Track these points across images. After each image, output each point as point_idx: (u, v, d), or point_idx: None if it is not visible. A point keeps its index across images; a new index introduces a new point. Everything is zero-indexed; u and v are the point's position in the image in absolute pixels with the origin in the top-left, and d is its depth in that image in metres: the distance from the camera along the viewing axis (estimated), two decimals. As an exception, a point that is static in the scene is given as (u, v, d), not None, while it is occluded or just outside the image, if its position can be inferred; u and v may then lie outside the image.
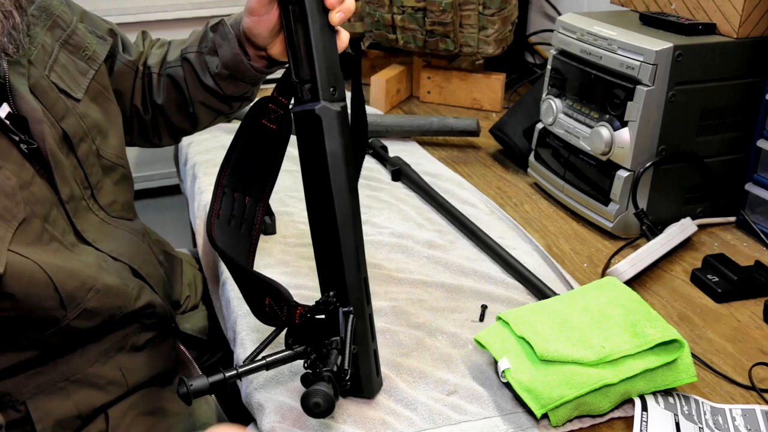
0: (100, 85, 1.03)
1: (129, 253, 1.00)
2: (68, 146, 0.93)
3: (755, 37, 1.21)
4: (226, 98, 1.07)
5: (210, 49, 1.03)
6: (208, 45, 1.04)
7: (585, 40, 1.27)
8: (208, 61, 1.04)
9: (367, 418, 0.85)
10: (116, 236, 1.00)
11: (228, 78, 1.03)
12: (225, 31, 1.01)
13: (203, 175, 1.46)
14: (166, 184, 2.51)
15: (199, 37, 1.07)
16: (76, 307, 0.89)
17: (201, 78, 1.05)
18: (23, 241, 0.82)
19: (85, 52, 1.00)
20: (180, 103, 1.09)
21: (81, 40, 1.00)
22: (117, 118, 1.06)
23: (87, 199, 0.96)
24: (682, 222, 1.22)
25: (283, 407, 0.87)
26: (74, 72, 0.98)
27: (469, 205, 1.35)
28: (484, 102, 1.87)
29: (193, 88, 1.07)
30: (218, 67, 1.02)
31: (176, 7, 2.51)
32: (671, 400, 0.87)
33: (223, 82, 1.04)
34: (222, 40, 1.01)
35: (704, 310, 1.08)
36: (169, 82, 1.09)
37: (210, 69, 1.03)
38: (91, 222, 0.96)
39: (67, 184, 0.91)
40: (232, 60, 1.00)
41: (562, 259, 1.20)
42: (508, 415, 0.87)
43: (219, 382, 0.78)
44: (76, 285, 0.88)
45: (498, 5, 1.70)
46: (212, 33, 1.03)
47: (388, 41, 1.84)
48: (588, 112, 1.27)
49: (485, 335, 0.93)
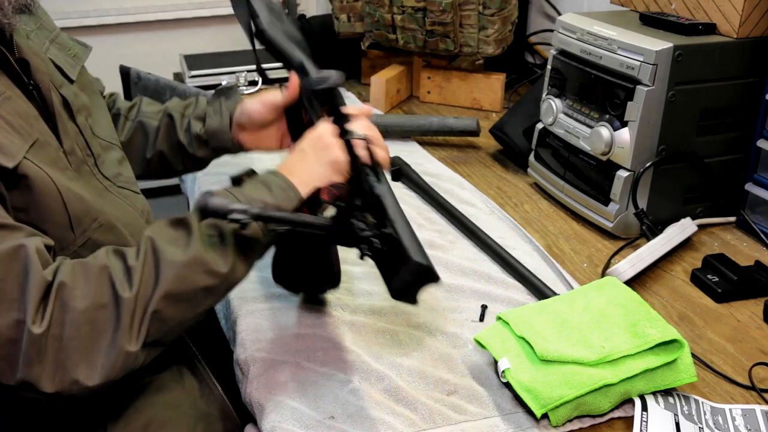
0: (86, 79, 1.09)
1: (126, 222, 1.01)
2: (68, 112, 0.97)
3: (755, 37, 1.21)
4: (188, 157, 1.19)
5: (198, 116, 1.17)
6: (197, 112, 1.17)
7: (585, 40, 1.27)
8: (192, 123, 1.17)
9: (367, 418, 0.85)
10: (118, 205, 1.01)
11: (203, 142, 1.17)
12: (221, 107, 1.16)
13: (203, 174, 1.46)
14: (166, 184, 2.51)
15: (184, 104, 1.21)
16: (82, 233, 0.90)
17: (176, 132, 1.18)
18: (39, 158, 0.85)
19: (70, 50, 1.06)
20: (139, 147, 1.20)
21: (65, 42, 1.06)
22: (104, 108, 1.12)
23: (90, 166, 0.98)
24: (682, 222, 1.22)
25: (283, 407, 0.87)
26: (64, 61, 1.03)
27: (469, 205, 1.35)
28: (484, 102, 1.87)
29: (162, 138, 1.19)
30: (200, 130, 1.16)
31: (176, 7, 2.51)
32: (671, 400, 0.87)
33: (197, 143, 1.17)
34: (214, 112, 1.16)
35: (704, 310, 1.08)
36: (138, 127, 1.20)
37: (192, 129, 1.17)
38: (94, 186, 0.97)
39: (69, 139, 0.94)
40: (217, 130, 1.15)
41: (562, 259, 1.20)
42: (508, 415, 0.87)
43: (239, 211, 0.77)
44: (82, 209, 0.89)
45: (498, 5, 1.70)
46: (206, 104, 1.18)
47: (388, 41, 1.84)
48: (588, 112, 1.27)
49: (485, 335, 0.93)
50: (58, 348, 0.75)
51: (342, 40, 1.94)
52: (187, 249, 0.82)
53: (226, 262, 0.84)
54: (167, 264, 0.81)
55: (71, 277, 0.78)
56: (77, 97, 1.01)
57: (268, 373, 0.93)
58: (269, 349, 0.96)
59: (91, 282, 0.78)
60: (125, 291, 0.79)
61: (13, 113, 0.84)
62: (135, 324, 0.78)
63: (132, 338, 0.78)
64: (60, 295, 0.76)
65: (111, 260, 0.81)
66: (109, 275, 0.79)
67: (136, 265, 0.81)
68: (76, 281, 0.78)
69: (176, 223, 0.86)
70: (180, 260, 0.81)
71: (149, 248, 0.82)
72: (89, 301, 0.77)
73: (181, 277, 0.81)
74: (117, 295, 0.78)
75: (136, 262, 0.81)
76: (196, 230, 0.84)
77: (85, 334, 0.76)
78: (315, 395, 0.89)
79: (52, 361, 0.75)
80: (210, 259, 0.83)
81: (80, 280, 0.78)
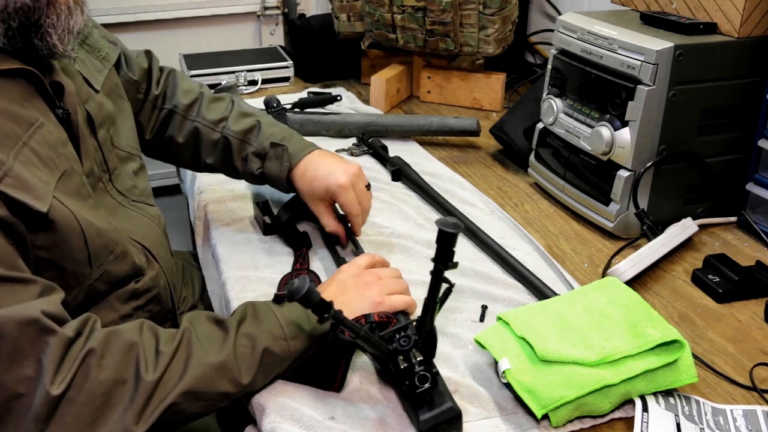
0: (112, 82, 1.09)
1: (143, 233, 1.03)
2: (90, 128, 0.97)
3: (756, 37, 1.21)
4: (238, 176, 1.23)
5: (257, 153, 1.19)
6: (258, 149, 1.19)
7: (585, 39, 1.27)
8: (250, 159, 1.19)
9: (366, 419, 0.85)
10: (132, 218, 1.02)
11: (257, 178, 1.20)
12: (283, 157, 1.17)
13: (203, 175, 1.46)
14: (166, 184, 2.51)
15: (245, 128, 1.21)
16: (99, 266, 0.90)
17: (233, 159, 1.20)
18: (64, 191, 0.86)
19: (100, 52, 1.07)
20: (192, 152, 1.23)
21: (96, 42, 1.07)
22: (129, 114, 1.12)
23: (105, 182, 0.99)
24: (683, 222, 1.22)
25: (283, 407, 0.87)
26: (91, 68, 1.04)
27: (469, 205, 1.35)
28: (484, 102, 1.86)
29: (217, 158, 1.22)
30: (257, 171, 1.19)
31: (176, 7, 2.51)
32: (672, 401, 0.87)
33: (251, 177, 1.21)
34: (276, 159, 1.18)
35: (705, 310, 1.07)
36: (194, 133, 1.22)
37: (248, 165, 1.19)
38: (107, 203, 0.97)
39: (89, 159, 0.95)
40: (275, 177, 1.18)
41: (562, 259, 1.20)
42: (508, 415, 0.86)
43: (322, 306, 0.77)
44: (101, 244, 0.90)
45: (498, 5, 1.70)
46: (269, 146, 1.19)
47: (388, 41, 1.84)
48: (588, 111, 1.27)
49: (485, 335, 0.93)
50: (68, 411, 0.75)
51: (342, 40, 1.94)
52: (220, 352, 0.83)
53: (249, 374, 0.85)
54: (197, 361, 0.82)
55: (102, 346, 0.78)
56: (101, 108, 1.01)
57: (267, 374, 0.92)
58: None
59: (119, 355, 0.78)
60: (148, 374, 0.79)
61: (43, 143, 0.84)
62: (148, 408, 0.78)
63: (141, 420, 0.78)
64: (87, 361, 0.76)
65: (144, 338, 0.81)
66: (137, 353, 0.79)
67: (167, 352, 0.81)
68: (106, 351, 0.78)
69: (214, 321, 0.87)
70: (210, 361, 0.82)
71: (185, 340, 0.83)
72: (111, 374, 0.77)
73: (207, 378, 0.82)
74: (139, 375, 0.78)
75: (167, 349, 0.81)
76: (233, 337, 0.85)
77: (99, 404, 0.76)
78: (315, 395, 0.89)
79: (59, 423, 0.74)
80: (236, 367, 0.84)
81: (109, 350, 0.78)
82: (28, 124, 0.83)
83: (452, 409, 0.82)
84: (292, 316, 0.89)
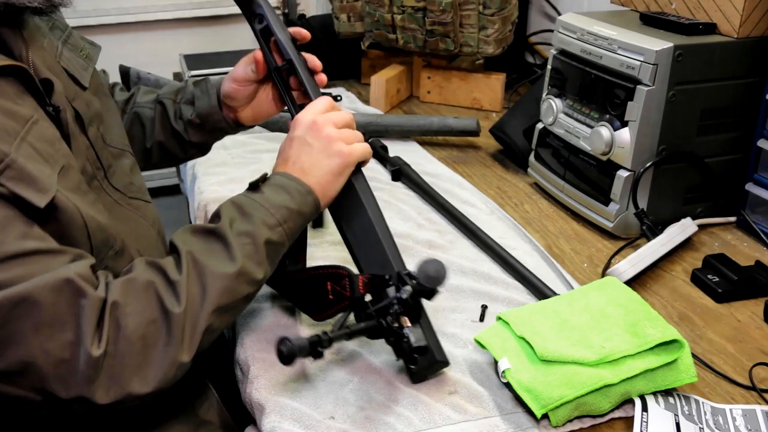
0: (97, 81, 1.08)
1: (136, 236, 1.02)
2: (80, 126, 0.97)
3: (756, 37, 1.21)
4: (187, 144, 1.19)
5: (187, 100, 1.17)
6: (186, 96, 1.18)
7: (585, 39, 1.27)
8: (183, 109, 1.17)
9: (367, 419, 0.85)
10: (127, 219, 1.01)
11: (197, 126, 1.17)
12: (207, 87, 1.16)
13: (203, 175, 1.46)
14: (166, 184, 2.52)
15: (175, 90, 1.21)
16: (100, 262, 0.90)
17: (171, 121, 1.18)
18: (65, 185, 0.86)
19: (82, 51, 1.06)
20: (138, 138, 1.21)
21: (76, 42, 1.06)
22: (116, 111, 1.12)
23: (100, 179, 0.98)
24: (683, 222, 1.22)
25: (284, 407, 0.87)
26: (77, 66, 1.03)
27: (469, 205, 1.35)
28: (484, 102, 1.87)
29: (159, 128, 1.19)
30: (192, 115, 1.16)
31: (176, 7, 2.51)
32: (671, 401, 0.87)
33: (192, 129, 1.17)
34: (202, 93, 1.16)
35: (704, 310, 1.08)
36: (135, 119, 1.21)
37: (183, 116, 1.17)
38: (104, 201, 0.97)
39: (80, 157, 0.94)
40: (207, 111, 1.15)
41: (562, 259, 1.20)
42: (508, 415, 0.86)
43: (315, 343, 0.79)
44: (102, 238, 0.90)
45: (498, 5, 1.70)
46: (193, 87, 1.17)
47: (388, 41, 1.84)
48: (588, 112, 1.27)
49: (485, 335, 0.93)
50: (112, 365, 0.77)
51: (342, 40, 1.94)
52: (233, 262, 0.85)
53: (261, 270, 0.88)
54: (213, 278, 0.84)
55: (123, 295, 0.80)
56: (89, 106, 1.01)
57: (268, 373, 0.93)
58: (269, 349, 0.96)
59: (140, 299, 0.80)
60: (174, 306, 0.81)
61: (40, 139, 0.85)
62: (186, 338, 0.81)
63: (185, 350, 0.80)
64: (114, 315, 0.78)
65: (152, 275, 0.83)
66: (155, 291, 0.81)
67: (180, 280, 0.82)
68: (127, 299, 0.80)
69: (206, 233, 0.88)
70: (226, 272, 0.84)
71: (190, 262, 0.84)
72: (139, 318, 0.79)
73: (229, 289, 0.84)
74: (166, 310, 0.80)
75: (179, 277, 0.83)
76: (233, 241, 0.86)
77: (138, 349, 0.78)
78: (315, 395, 0.89)
79: (107, 377, 0.77)
80: (250, 269, 0.86)
81: (130, 297, 0.80)
82: (24, 120, 0.83)
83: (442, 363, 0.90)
84: (276, 200, 0.91)
